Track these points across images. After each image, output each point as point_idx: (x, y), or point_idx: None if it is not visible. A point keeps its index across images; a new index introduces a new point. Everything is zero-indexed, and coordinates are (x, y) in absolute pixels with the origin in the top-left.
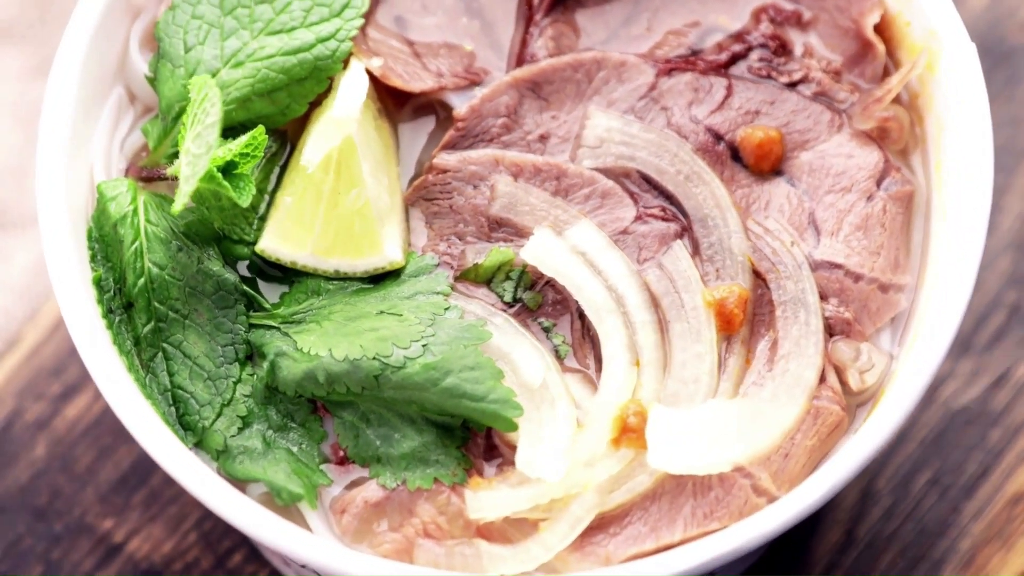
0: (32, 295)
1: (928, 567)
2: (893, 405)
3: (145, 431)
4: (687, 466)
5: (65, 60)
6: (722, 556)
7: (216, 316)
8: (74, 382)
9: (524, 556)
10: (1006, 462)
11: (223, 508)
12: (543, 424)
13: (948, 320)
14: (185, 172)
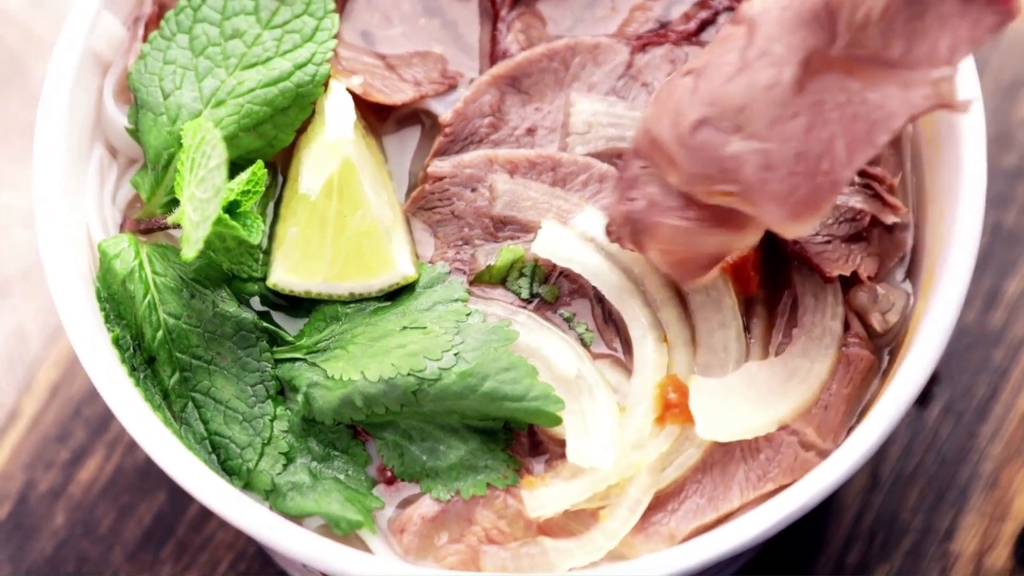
0: (18, 364)
1: (955, 495)
2: (926, 344)
3: (197, 481)
4: (736, 432)
5: (47, 125)
6: (788, 517)
7: (240, 357)
8: (81, 446)
9: (590, 547)
10: (1013, 379)
11: (286, 544)
12: (585, 414)
13: (964, 254)
14: (194, 218)
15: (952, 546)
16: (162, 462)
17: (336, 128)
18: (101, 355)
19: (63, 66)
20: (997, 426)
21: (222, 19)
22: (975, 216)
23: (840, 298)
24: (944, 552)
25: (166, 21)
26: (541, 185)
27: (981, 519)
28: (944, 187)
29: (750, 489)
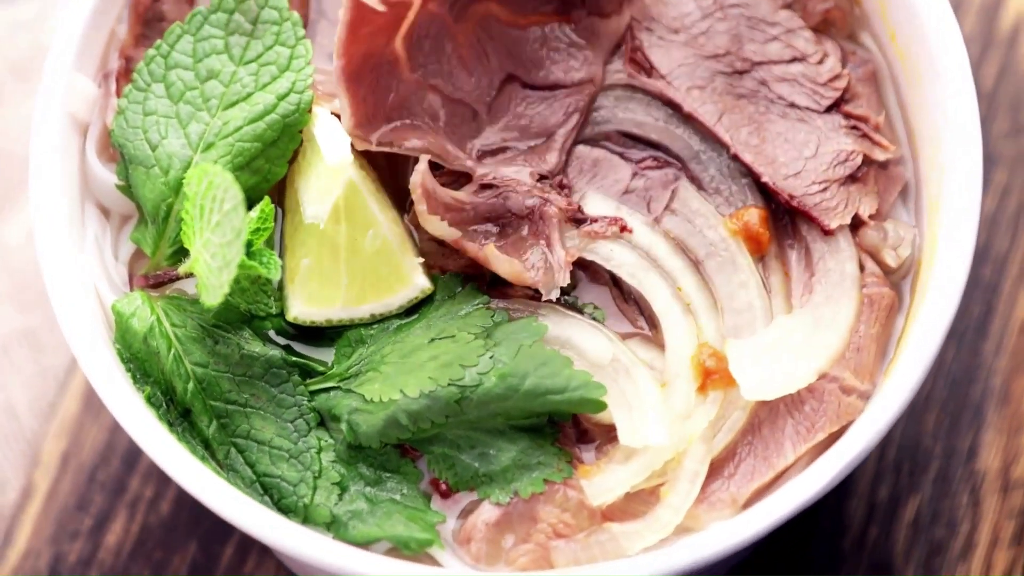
0: (13, 439)
1: (971, 415)
2: (950, 272)
3: (269, 526)
4: (780, 389)
5: (43, 196)
6: (850, 464)
7: (275, 395)
8: (102, 511)
9: (657, 525)
10: (1005, 293)
11: (362, 570)
12: (627, 395)
13: (970, 181)
14: (214, 263)
15: (977, 465)
16: (228, 514)
17: (335, 152)
18: (140, 417)
19: (47, 135)
20: (998, 341)
21: (195, 62)
22: (972, 139)
23: (851, 241)
24: (971, 472)
25: (138, 73)
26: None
27: (1000, 434)
28: (932, 115)
29: (801, 442)
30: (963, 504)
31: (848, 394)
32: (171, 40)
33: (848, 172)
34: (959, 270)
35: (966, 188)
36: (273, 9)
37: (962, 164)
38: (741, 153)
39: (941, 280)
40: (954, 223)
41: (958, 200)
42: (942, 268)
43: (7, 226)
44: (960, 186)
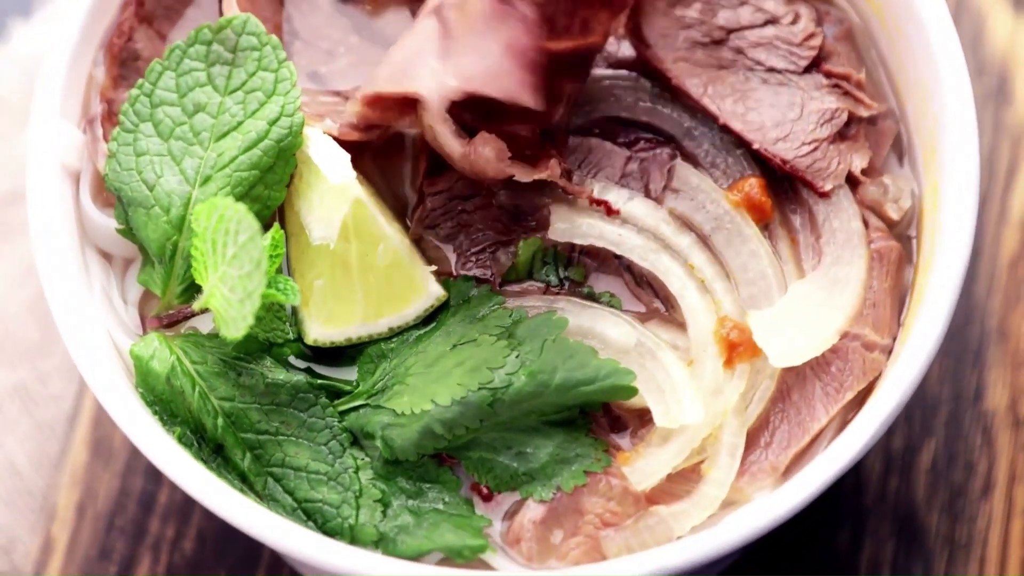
0: (18, 496)
1: (972, 357)
2: (957, 222)
3: (319, 548)
4: (806, 353)
5: (48, 249)
6: (886, 421)
7: (305, 420)
8: (125, 557)
9: (703, 502)
10: (990, 233)
11: None
12: (656, 377)
13: (966, 125)
14: (234, 296)
15: (985, 405)
16: (279, 543)
17: (337, 172)
18: (177, 458)
19: (42, 188)
20: (989, 281)
21: (179, 97)
22: (963, 83)
23: (852, 199)
24: (980, 412)
25: (124, 114)
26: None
27: (1003, 372)
28: (917, 65)
29: (832, 403)
30: (977, 444)
31: (871, 350)
32: (153, 78)
33: (835, 130)
34: (967, 216)
35: (963, 132)
36: (251, 35)
37: (956, 109)
38: (730, 122)
39: (951, 227)
40: (956, 169)
41: (957, 145)
42: (950, 216)
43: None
44: (957, 131)
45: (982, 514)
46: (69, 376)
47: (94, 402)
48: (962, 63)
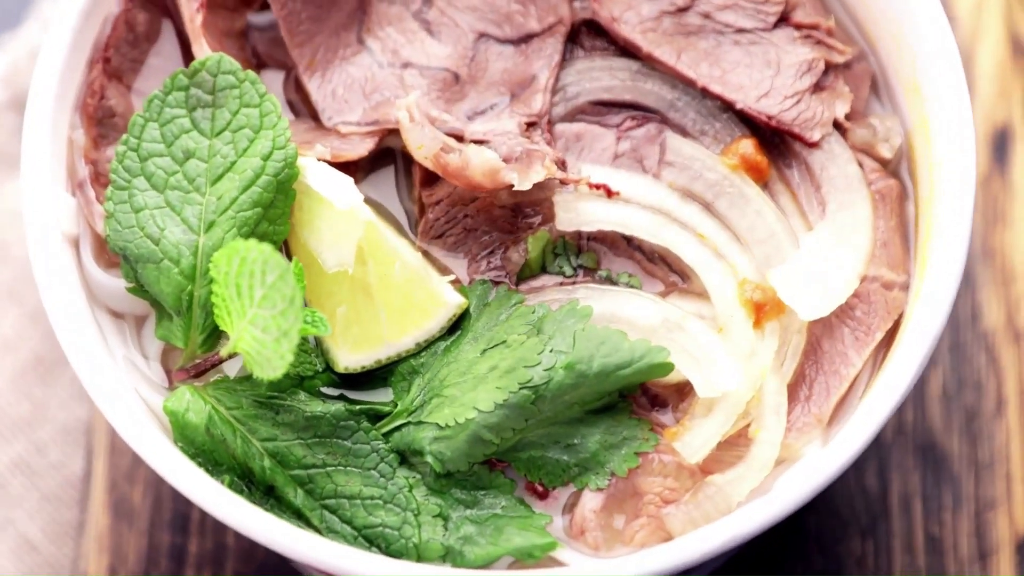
0: (40, 569)
1: (963, 280)
2: (957, 150)
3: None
4: (832, 302)
5: (68, 321)
6: (924, 357)
7: (350, 448)
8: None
9: (758, 464)
10: None
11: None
12: (690, 349)
13: (947, 50)
14: (268, 336)
15: (983, 324)
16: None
17: (344, 196)
18: (238, 508)
19: (47, 261)
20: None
21: (167, 147)
22: (938, 10)
23: (844, 144)
24: (980, 333)
25: (114, 172)
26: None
27: (994, 290)
28: (885, 4)
29: (863, 346)
30: (982, 364)
31: (890, 289)
32: (137, 132)
33: (814, 80)
34: (967, 146)
35: (947, 63)
36: (227, 74)
37: (937, 41)
38: (709, 86)
39: (952, 159)
40: (946, 101)
41: (942, 77)
42: (949, 148)
43: None
44: (941, 62)
45: (1000, 431)
46: (67, 442)
47: (106, 464)
48: (947, 25)
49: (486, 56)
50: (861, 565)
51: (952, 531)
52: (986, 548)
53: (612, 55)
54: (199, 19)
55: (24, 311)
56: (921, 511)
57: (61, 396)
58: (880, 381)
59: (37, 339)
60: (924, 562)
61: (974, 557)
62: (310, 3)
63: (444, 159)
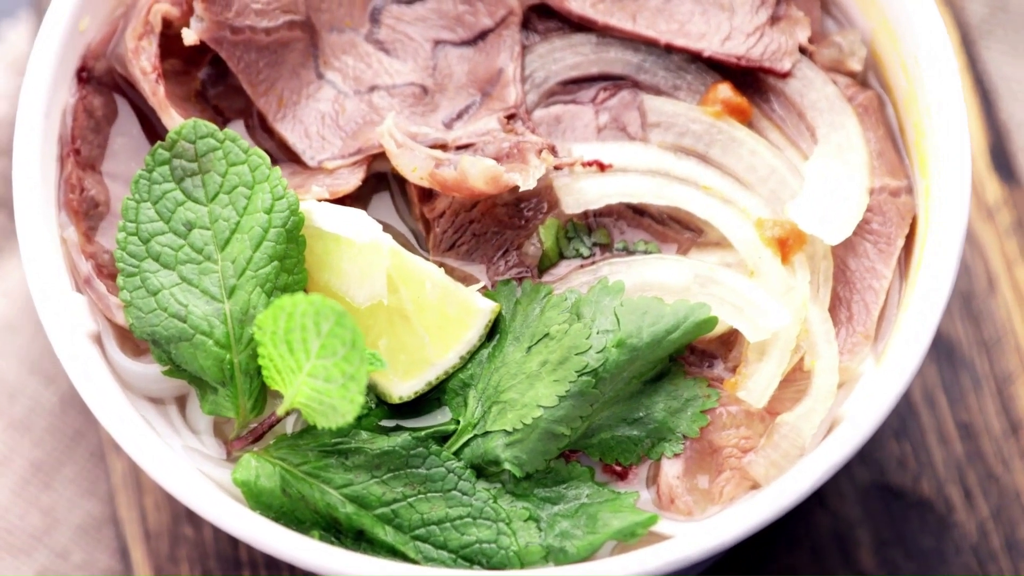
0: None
1: None
2: (933, 48)
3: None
4: (851, 222)
5: (120, 419)
6: (956, 265)
7: (425, 475)
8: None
9: (822, 394)
10: None
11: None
12: (728, 298)
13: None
14: (335, 384)
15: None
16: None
17: (363, 230)
18: (345, 559)
19: (81, 365)
20: None
21: (167, 224)
22: None
23: (815, 67)
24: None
25: (120, 261)
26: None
27: None
28: None
29: (887, 256)
30: (964, 247)
31: (897, 196)
32: (131, 215)
33: (770, 12)
34: (934, 25)
35: None
36: (206, 137)
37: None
38: (673, 41)
39: (926, 46)
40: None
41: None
42: (917, 36)
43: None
44: None
45: (998, 307)
46: (88, 540)
47: (144, 552)
48: None
49: (447, 62)
50: (904, 465)
51: (980, 413)
52: (1016, 420)
53: (569, 32)
54: (161, 90)
55: (7, 422)
56: (946, 402)
57: (67, 497)
58: (920, 287)
59: (28, 447)
60: (961, 449)
61: (1007, 432)
62: (264, 50)
63: (440, 176)
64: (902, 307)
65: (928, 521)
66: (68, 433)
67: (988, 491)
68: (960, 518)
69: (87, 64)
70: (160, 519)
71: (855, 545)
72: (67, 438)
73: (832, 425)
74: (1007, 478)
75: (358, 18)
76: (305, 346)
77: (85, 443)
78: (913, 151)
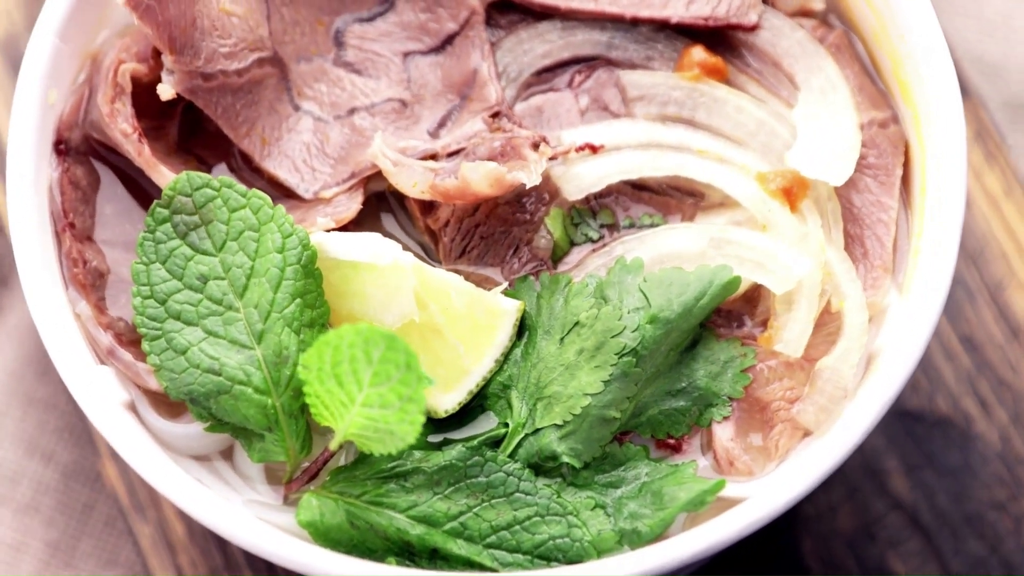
0: None
1: None
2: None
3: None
4: (851, 161)
5: (178, 487)
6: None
7: (486, 482)
8: None
9: (855, 333)
10: None
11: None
12: (746, 256)
13: None
14: (393, 409)
15: None
16: None
17: (383, 253)
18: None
19: (127, 440)
20: None
21: (180, 280)
22: None
23: (780, 14)
24: None
25: (142, 326)
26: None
27: None
28: None
29: (889, 187)
30: None
31: (886, 127)
32: (143, 279)
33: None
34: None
35: None
36: (201, 188)
37: None
38: (638, 14)
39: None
40: None
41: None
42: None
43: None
44: None
45: (974, 217)
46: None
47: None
48: None
49: (420, 72)
50: (916, 388)
51: (980, 324)
52: (1015, 325)
53: (533, 22)
54: (146, 150)
55: (15, 508)
56: (944, 319)
57: (90, 571)
58: (932, 211)
59: (40, 529)
60: (969, 362)
61: (1009, 337)
62: (238, 92)
63: (442, 186)
64: (916, 234)
65: (951, 437)
66: (77, 508)
67: (1003, 398)
68: (981, 429)
69: (62, 136)
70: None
71: (886, 474)
72: (78, 512)
73: (868, 360)
74: (1018, 382)
75: (323, 44)
76: (356, 377)
77: (96, 514)
78: (891, 81)
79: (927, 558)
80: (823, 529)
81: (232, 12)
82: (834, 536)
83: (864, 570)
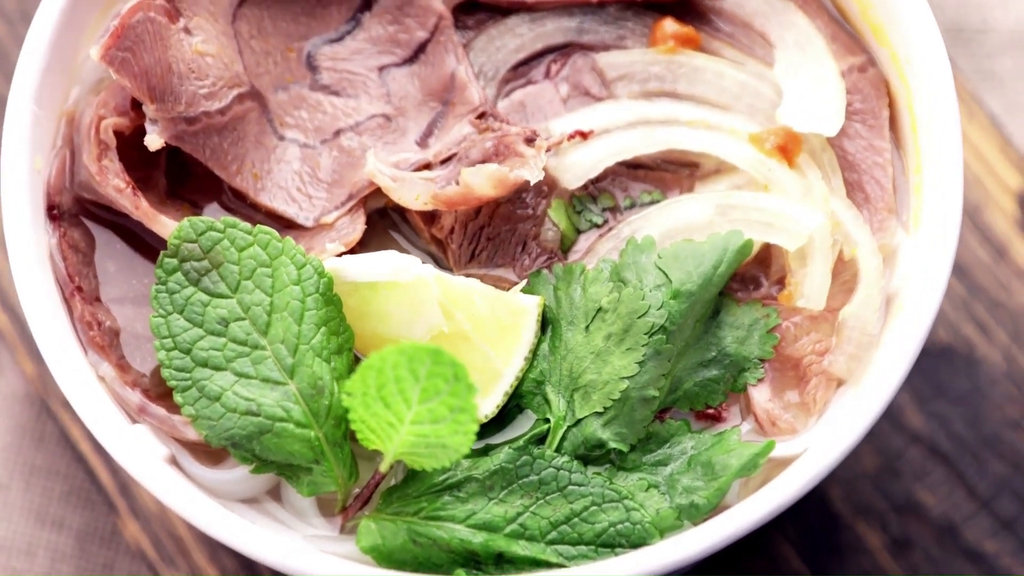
0: None
1: None
2: None
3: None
4: (841, 107)
5: (241, 533)
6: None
7: (537, 480)
8: None
9: (872, 276)
10: None
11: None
12: (754, 217)
13: None
14: (445, 424)
15: None
16: None
17: (404, 269)
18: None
19: (173, 494)
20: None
21: (202, 327)
22: None
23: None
24: None
25: (170, 379)
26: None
27: None
28: None
29: (879, 128)
30: None
31: (864, 71)
32: (163, 332)
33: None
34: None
35: None
36: (207, 232)
37: None
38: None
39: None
40: None
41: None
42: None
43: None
44: None
45: None
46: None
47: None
48: None
49: (399, 84)
50: None
51: (965, 248)
52: (999, 245)
53: (501, 18)
54: (143, 202)
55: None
56: None
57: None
58: (929, 147)
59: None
60: (960, 288)
61: (996, 258)
62: (223, 131)
63: (444, 195)
64: (914, 171)
65: (956, 365)
66: (97, 570)
67: (1000, 319)
68: (984, 352)
69: (53, 201)
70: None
71: (900, 410)
72: (99, 574)
73: (888, 302)
74: (1011, 300)
75: (297, 71)
76: (404, 396)
77: (117, 572)
78: (861, 25)
79: (953, 486)
80: (848, 474)
81: (205, 52)
82: (860, 479)
83: (895, 507)
